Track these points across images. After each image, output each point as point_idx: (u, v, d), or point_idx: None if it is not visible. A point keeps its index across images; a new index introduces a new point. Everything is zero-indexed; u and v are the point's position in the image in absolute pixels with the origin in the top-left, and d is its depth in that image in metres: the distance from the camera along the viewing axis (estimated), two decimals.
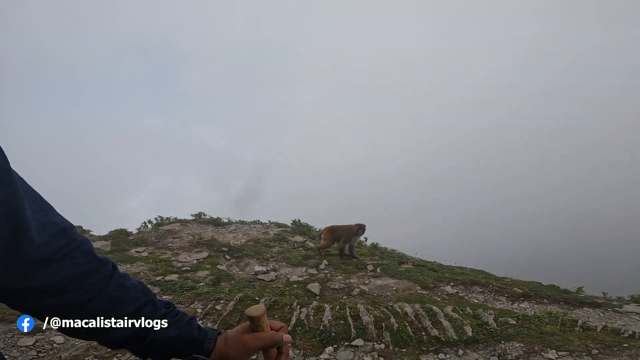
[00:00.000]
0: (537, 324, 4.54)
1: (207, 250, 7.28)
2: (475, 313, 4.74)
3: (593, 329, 4.43)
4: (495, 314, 4.73)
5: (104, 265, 0.80)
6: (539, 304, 5.59)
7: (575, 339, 4.16)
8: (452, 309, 4.81)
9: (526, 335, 4.28)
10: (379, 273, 6.58)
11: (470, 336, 4.22)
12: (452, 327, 4.35)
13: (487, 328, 4.40)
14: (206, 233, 8.75)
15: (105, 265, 0.80)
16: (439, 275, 6.63)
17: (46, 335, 3.76)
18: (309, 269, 6.63)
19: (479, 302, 5.58)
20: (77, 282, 0.74)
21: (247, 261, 6.93)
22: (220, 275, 6.01)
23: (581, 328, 4.46)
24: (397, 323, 4.37)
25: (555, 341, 4.11)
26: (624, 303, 5.84)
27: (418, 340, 4.16)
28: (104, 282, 0.79)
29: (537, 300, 5.69)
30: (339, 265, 6.83)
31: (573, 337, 4.21)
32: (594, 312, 5.30)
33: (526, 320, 4.63)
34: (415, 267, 7.24)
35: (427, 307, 4.81)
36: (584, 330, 4.42)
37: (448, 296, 5.73)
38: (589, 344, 4.05)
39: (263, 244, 8.16)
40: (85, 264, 0.76)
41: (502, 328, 4.42)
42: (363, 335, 4.15)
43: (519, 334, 4.30)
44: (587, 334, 4.31)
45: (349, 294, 5.61)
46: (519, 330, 4.38)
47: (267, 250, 7.68)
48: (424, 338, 4.18)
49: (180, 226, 9.11)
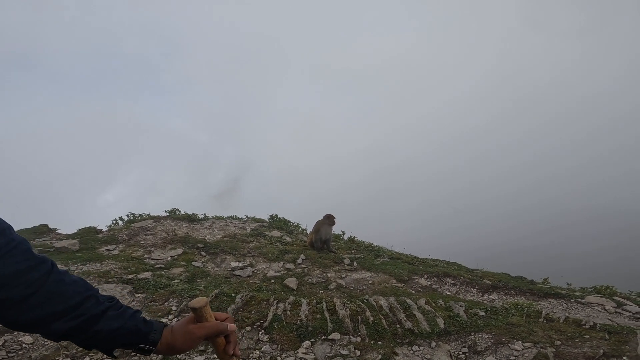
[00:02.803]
0: (504, 315, 4.74)
1: (182, 246, 7.12)
2: (447, 305, 4.90)
3: (556, 320, 4.67)
4: (465, 306, 4.90)
5: (43, 263, 0.87)
6: (507, 295, 5.85)
7: (540, 330, 4.37)
8: (425, 301, 4.94)
9: (494, 326, 4.46)
10: (355, 267, 6.66)
11: (442, 328, 4.36)
12: (425, 319, 4.48)
13: (458, 320, 4.55)
14: (181, 229, 8.56)
15: (43, 263, 0.87)
16: (413, 268, 6.79)
17: (14, 335, 3.69)
18: (286, 264, 6.63)
19: (451, 294, 5.77)
20: (17, 278, 0.81)
21: (223, 257, 6.84)
22: (196, 272, 5.91)
23: (545, 319, 4.68)
24: (373, 316, 4.45)
25: (521, 332, 4.30)
26: (586, 294, 6.20)
27: (393, 332, 4.26)
28: (43, 278, 0.85)
29: (505, 292, 5.94)
30: (317, 260, 6.86)
31: (537, 328, 4.41)
32: (558, 303, 5.59)
33: (494, 312, 4.82)
34: (391, 260, 7.37)
35: (402, 300, 4.92)
36: (547, 321, 4.64)
37: (422, 288, 5.88)
38: (552, 335, 4.25)
39: (240, 240, 8.07)
40: (24, 262, 0.83)
41: (472, 320, 4.59)
42: (340, 329, 4.21)
43: (487, 326, 4.48)
44: (550, 325, 4.52)
45: (325, 288, 5.66)
46: (487, 322, 4.56)
47: (244, 245, 7.61)
48: (398, 330, 4.28)
49: (154, 223, 8.86)
